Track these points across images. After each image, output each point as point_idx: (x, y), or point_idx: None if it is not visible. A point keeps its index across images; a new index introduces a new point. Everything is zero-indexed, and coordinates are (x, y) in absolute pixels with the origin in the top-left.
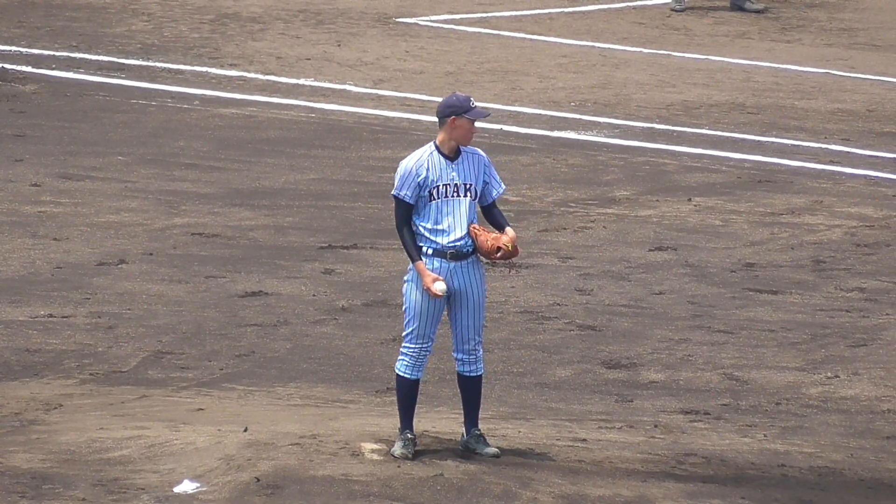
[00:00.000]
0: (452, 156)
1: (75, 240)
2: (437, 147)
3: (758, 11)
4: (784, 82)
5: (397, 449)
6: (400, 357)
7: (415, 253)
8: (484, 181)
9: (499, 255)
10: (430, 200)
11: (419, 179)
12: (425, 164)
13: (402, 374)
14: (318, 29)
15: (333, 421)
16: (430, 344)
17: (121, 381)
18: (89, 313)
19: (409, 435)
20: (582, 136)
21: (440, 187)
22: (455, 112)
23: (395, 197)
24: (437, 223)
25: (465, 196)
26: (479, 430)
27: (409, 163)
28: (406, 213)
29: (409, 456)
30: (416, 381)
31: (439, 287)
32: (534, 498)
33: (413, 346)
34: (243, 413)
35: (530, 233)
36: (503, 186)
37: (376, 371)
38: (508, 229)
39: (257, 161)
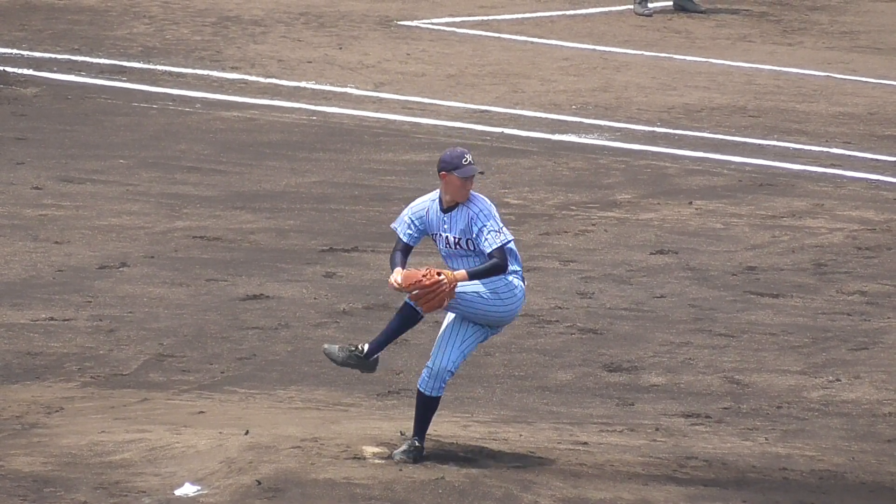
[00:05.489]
0: (447, 208)
1: (76, 243)
2: (439, 197)
3: (701, 12)
4: (785, 85)
5: (398, 452)
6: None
7: (394, 264)
8: (474, 233)
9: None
10: (438, 246)
11: (417, 222)
12: (423, 213)
13: (419, 388)
14: (319, 32)
15: (335, 424)
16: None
17: (122, 384)
18: (90, 316)
19: (416, 443)
20: (583, 139)
21: (437, 236)
22: (445, 168)
23: (398, 238)
24: (450, 269)
25: (456, 248)
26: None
27: (414, 203)
28: (400, 246)
29: (409, 462)
30: (432, 399)
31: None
32: (535, 501)
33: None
34: (244, 416)
35: (531, 236)
36: (496, 243)
37: (377, 374)
38: (446, 272)
39: (259, 164)
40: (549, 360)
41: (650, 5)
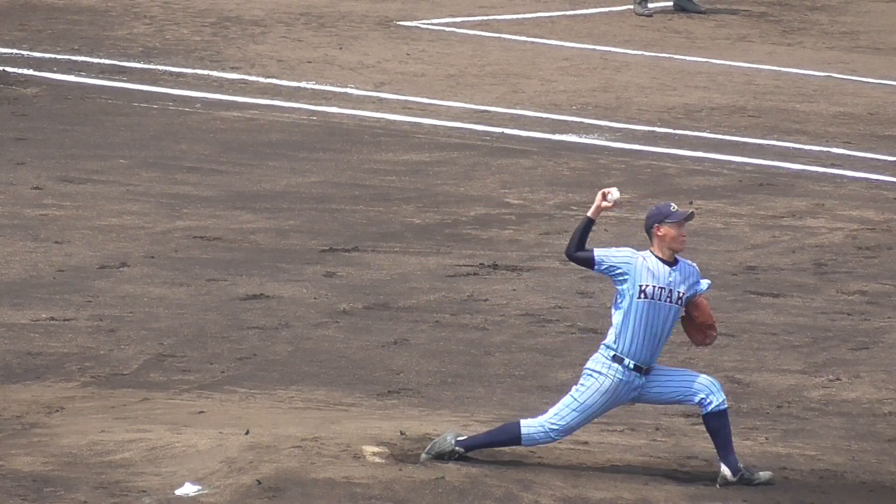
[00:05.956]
0: (671, 262)
1: (77, 243)
2: (652, 252)
3: (701, 12)
4: (785, 85)
5: (430, 454)
6: (539, 428)
7: (582, 225)
8: (694, 291)
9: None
10: (640, 298)
11: (622, 265)
12: (630, 262)
13: (523, 432)
14: (319, 32)
15: (335, 424)
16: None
17: (122, 384)
18: (91, 316)
19: (459, 451)
20: (583, 139)
21: (655, 288)
22: (656, 220)
23: (592, 254)
24: (638, 325)
25: (676, 303)
26: (741, 466)
27: (617, 250)
28: (582, 261)
29: (425, 459)
30: (520, 445)
31: (614, 194)
32: (535, 501)
33: (555, 433)
34: (245, 416)
35: (532, 236)
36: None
37: (378, 374)
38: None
39: (259, 164)
40: (549, 359)
41: (650, 5)
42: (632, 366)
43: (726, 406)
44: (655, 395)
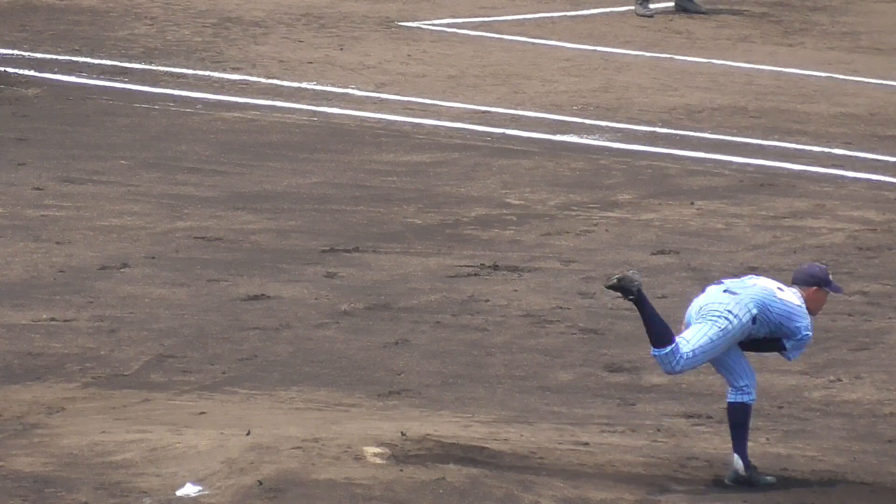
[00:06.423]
0: None
1: (78, 243)
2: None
3: (702, 13)
4: (786, 86)
5: (623, 282)
6: (677, 355)
7: None
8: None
9: None
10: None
11: None
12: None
13: (675, 342)
14: (320, 33)
15: (336, 424)
16: None
17: (123, 385)
18: (92, 317)
19: (635, 293)
20: (584, 139)
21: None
22: (819, 283)
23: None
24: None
25: None
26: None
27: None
28: None
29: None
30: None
31: None
32: (535, 501)
33: (682, 365)
34: (246, 416)
35: (532, 236)
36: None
37: (378, 374)
38: None
39: (260, 165)
40: (549, 360)
41: (651, 6)
42: (755, 331)
43: (753, 403)
44: (726, 355)
